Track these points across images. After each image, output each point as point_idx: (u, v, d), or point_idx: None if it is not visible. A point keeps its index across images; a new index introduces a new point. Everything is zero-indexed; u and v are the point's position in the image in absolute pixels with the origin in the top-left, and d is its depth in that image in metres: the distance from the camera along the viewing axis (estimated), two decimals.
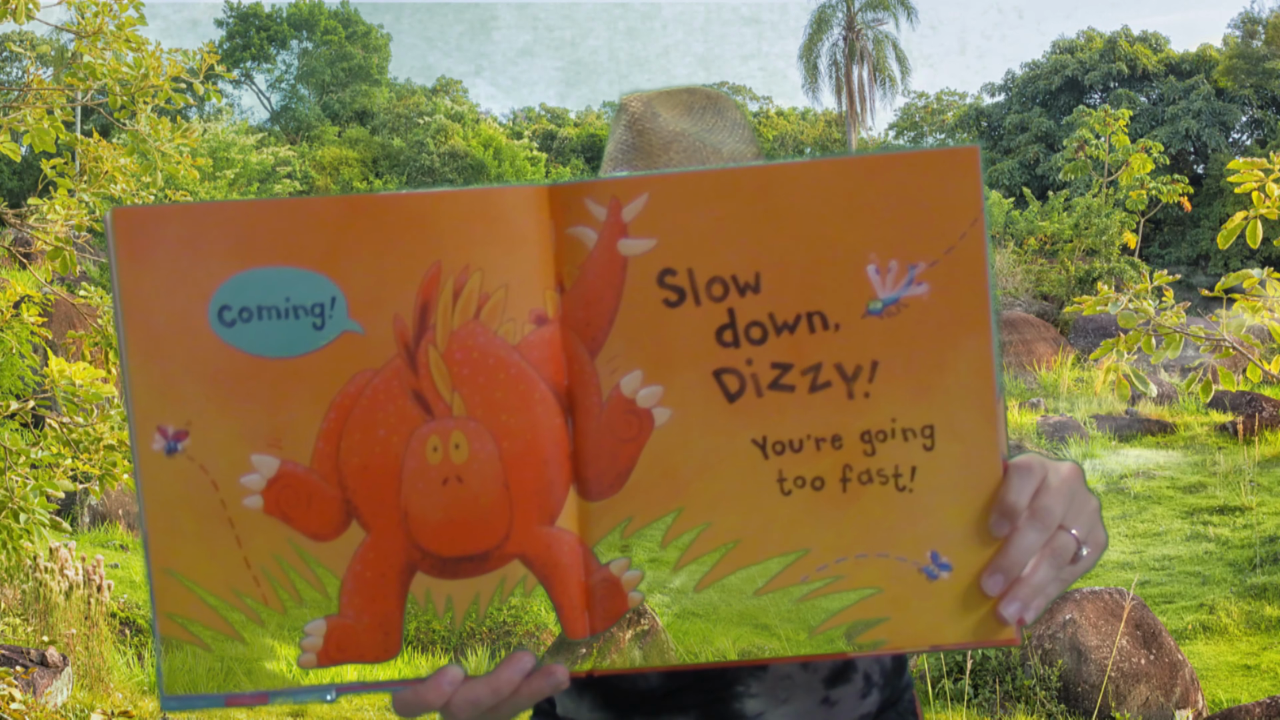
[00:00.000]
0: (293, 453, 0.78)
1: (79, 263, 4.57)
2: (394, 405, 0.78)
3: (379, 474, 0.78)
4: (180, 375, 0.77)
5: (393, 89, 42.16)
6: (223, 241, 0.77)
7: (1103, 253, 24.26)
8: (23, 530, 3.76)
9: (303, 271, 0.77)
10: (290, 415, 0.78)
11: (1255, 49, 36.24)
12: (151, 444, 0.77)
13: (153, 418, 0.77)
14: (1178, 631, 9.07)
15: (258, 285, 0.77)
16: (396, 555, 0.79)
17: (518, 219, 0.77)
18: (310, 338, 0.77)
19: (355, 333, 0.77)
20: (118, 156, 4.44)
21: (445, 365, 0.78)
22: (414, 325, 0.78)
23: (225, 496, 0.78)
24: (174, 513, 0.78)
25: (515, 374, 0.78)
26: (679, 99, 1.33)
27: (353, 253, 0.77)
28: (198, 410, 0.77)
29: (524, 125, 41.34)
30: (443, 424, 0.78)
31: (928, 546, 0.78)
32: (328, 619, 0.80)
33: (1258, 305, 3.74)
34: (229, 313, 0.77)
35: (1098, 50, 38.69)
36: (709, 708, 1.27)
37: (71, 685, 6.09)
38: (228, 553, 0.78)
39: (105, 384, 4.03)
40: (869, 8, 38.85)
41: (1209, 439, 14.45)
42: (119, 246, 0.76)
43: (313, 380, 0.78)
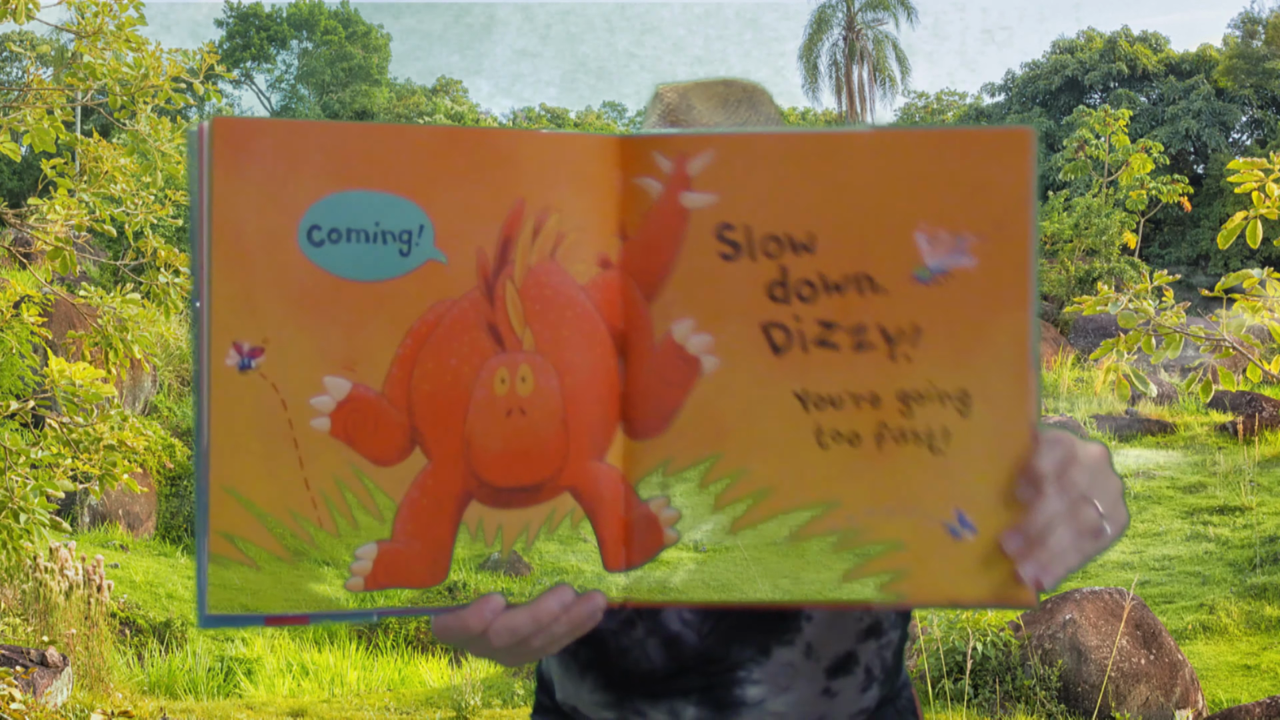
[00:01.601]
0: (366, 376, 0.79)
1: (79, 263, 4.57)
2: (468, 336, 0.80)
3: (447, 402, 0.80)
4: (263, 292, 0.77)
5: (393, 89, 42.16)
6: (319, 161, 0.77)
7: (1103, 253, 24.27)
8: (23, 530, 3.76)
9: (394, 198, 0.78)
10: (368, 339, 0.78)
11: (1255, 49, 36.24)
12: (225, 359, 0.77)
13: (229, 333, 0.77)
14: (1178, 631, 9.07)
15: (350, 207, 0.77)
16: (455, 483, 0.81)
17: (591, 165, 0.80)
18: (396, 263, 0.78)
19: (439, 262, 0.79)
20: (118, 156, 4.44)
21: (520, 300, 0.80)
22: (495, 259, 0.79)
23: (293, 416, 0.78)
24: (239, 430, 0.77)
25: (581, 314, 0.81)
26: (714, 91, 1.33)
27: (444, 183, 0.78)
28: (276, 328, 0.77)
29: (524, 125, 41.35)
30: (512, 357, 0.81)
31: (954, 506, 0.81)
32: (379, 544, 0.80)
33: (1258, 305, 3.74)
34: (318, 232, 0.77)
35: (1098, 50, 38.70)
36: (710, 692, 1.27)
37: (71, 685, 6.09)
38: (289, 473, 0.78)
39: (105, 384, 4.03)
40: (869, 8, 38.85)
41: (1209, 439, 14.45)
42: (217, 156, 0.76)
43: (394, 306, 0.78)
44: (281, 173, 0.76)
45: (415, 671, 7.99)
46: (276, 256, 0.77)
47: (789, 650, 1.26)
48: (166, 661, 7.60)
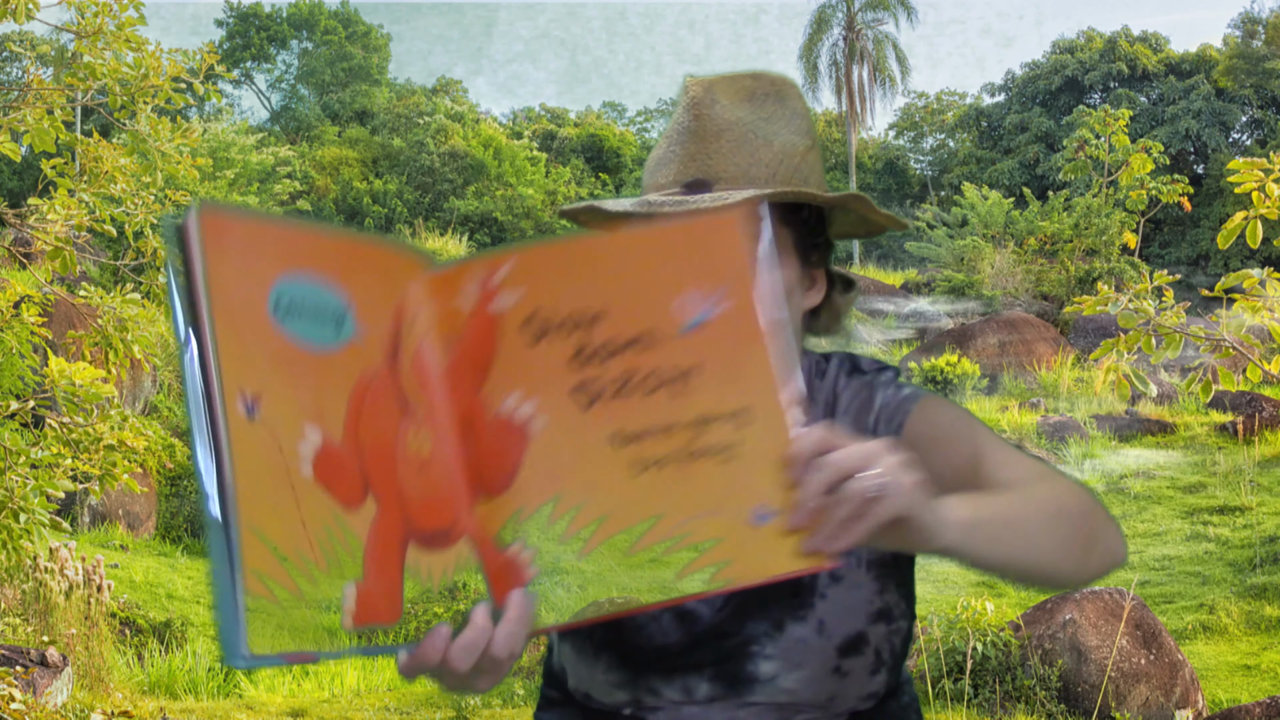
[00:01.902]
0: (330, 430, 0.91)
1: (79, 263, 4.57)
2: (386, 402, 0.96)
3: (382, 456, 0.94)
4: (254, 348, 0.88)
5: (393, 89, 42.16)
6: (276, 246, 0.91)
7: (1103, 253, 24.25)
8: (23, 530, 3.76)
9: (329, 282, 0.94)
10: (326, 399, 0.92)
11: (1255, 49, 36.24)
12: (237, 406, 0.85)
13: (237, 382, 0.86)
14: (1178, 631, 9.07)
15: (298, 287, 0.92)
16: (398, 528, 0.95)
17: (425, 291, 1.00)
18: (331, 336, 0.93)
19: (358, 340, 0.95)
20: (118, 156, 4.43)
21: (412, 375, 0.98)
22: (391, 342, 0.97)
23: (289, 461, 0.88)
24: (256, 474, 0.85)
25: (441, 397, 1.00)
26: (742, 85, 1.33)
27: (359, 275, 0.95)
28: (266, 381, 0.88)
29: (524, 125, 41.33)
30: (415, 422, 0.98)
31: (753, 501, 0.97)
32: (356, 583, 0.91)
33: (1258, 305, 3.74)
34: (281, 306, 0.90)
35: (1098, 50, 38.70)
36: (723, 668, 1.29)
37: (71, 685, 6.09)
38: (291, 514, 0.87)
39: (105, 384, 4.03)
40: (869, 8, 38.85)
41: (1209, 439, 14.45)
42: (206, 235, 0.86)
43: (338, 371, 0.93)
44: (253, 252, 0.89)
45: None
46: (258, 320, 0.89)
47: (802, 626, 1.27)
48: (166, 661, 7.60)
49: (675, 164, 1.29)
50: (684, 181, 1.28)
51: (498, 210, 31.49)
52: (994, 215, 25.53)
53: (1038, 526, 1.13)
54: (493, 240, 31.26)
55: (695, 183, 1.27)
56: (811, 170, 1.32)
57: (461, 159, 32.72)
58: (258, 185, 26.22)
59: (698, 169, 1.28)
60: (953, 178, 38.18)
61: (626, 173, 37.66)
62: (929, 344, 19.65)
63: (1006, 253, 24.50)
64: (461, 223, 30.47)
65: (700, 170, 1.28)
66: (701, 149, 1.28)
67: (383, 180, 33.87)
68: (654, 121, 50.54)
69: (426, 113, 35.99)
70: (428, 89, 43.60)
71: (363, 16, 43.87)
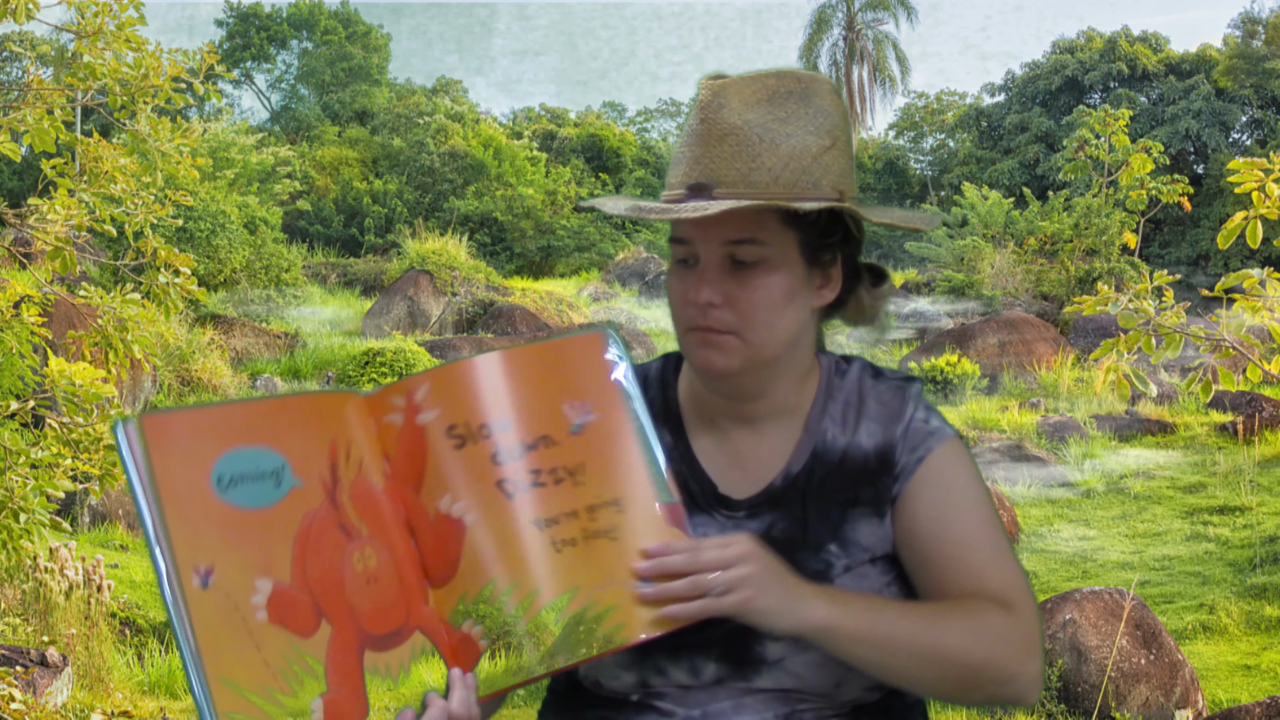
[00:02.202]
0: (279, 575, 1.09)
1: (79, 263, 4.57)
2: (330, 534, 1.13)
3: (331, 582, 1.12)
4: (202, 525, 1.06)
5: (393, 89, 42.14)
6: (212, 432, 1.09)
7: (1103, 253, 24.24)
8: (23, 530, 3.76)
9: (262, 449, 1.11)
10: (273, 549, 1.09)
11: (1255, 49, 36.23)
12: (193, 581, 1.04)
13: (190, 560, 1.04)
14: (1178, 631, 9.07)
15: (237, 459, 1.09)
16: (353, 640, 1.13)
17: (360, 415, 1.19)
18: (273, 493, 1.10)
19: (299, 487, 1.12)
20: (118, 156, 4.43)
21: (352, 504, 1.16)
22: (330, 479, 1.14)
23: (244, 614, 1.06)
24: (216, 632, 1.04)
25: (387, 509, 1.19)
26: (760, 85, 1.33)
27: (289, 434, 1.13)
28: (217, 551, 1.06)
29: (524, 125, 41.30)
30: (359, 543, 1.16)
31: (633, 575, 1.19)
32: (323, 696, 1.09)
33: (1258, 305, 3.74)
34: (223, 480, 1.08)
35: (1098, 50, 38.68)
36: (731, 648, 1.31)
37: (71, 685, 6.09)
38: (253, 658, 1.05)
39: (105, 384, 4.03)
40: (869, 8, 38.85)
41: (1209, 439, 14.45)
42: (150, 440, 1.05)
43: (282, 522, 1.10)
44: (190, 443, 1.07)
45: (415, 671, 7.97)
46: (203, 500, 1.06)
47: None
48: (166, 661, 7.59)
49: (683, 166, 1.31)
50: (689, 184, 1.30)
51: (498, 210, 31.48)
52: (994, 215, 25.51)
53: (908, 659, 1.24)
54: (493, 240, 31.27)
55: (697, 186, 1.29)
56: (826, 171, 1.31)
57: (461, 159, 32.71)
58: (258, 185, 26.20)
59: (701, 172, 1.30)
60: (953, 178, 38.18)
61: (626, 173, 37.63)
62: (929, 344, 19.65)
63: (1006, 253, 24.49)
64: (461, 223, 30.46)
65: (703, 174, 1.29)
66: (705, 152, 1.30)
67: (383, 180, 33.85)
68: (654, 121, 50.51)
69: (426, 113, 35.97)
70: (428, 89, 43.58)
71: (363, 16, 43.85)
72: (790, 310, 1.33)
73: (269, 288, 21.04)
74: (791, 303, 1.33)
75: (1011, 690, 1.27)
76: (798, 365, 1.39)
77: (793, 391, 1.39)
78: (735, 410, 1.40)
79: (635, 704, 1.34)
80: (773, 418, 1.39)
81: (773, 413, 1.39)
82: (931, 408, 1.39)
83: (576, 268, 31.11)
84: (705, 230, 1.31)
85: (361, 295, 25.15)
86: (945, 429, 1.37)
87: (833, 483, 1.36)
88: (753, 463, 1.39)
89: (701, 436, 1.42)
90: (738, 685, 1.31)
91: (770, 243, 1.31)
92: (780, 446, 1.39)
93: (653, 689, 1.33)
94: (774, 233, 1.31)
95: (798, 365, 1.39)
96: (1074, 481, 13.35)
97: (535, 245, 31.53)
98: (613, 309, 23.54)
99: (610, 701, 1.36)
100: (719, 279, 1.31)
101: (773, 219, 1.30)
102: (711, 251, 1.32)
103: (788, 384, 1.39)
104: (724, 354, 1.33)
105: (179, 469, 1.06)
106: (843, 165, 1.33)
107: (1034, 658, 1.27)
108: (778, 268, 1.32)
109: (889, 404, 1.38)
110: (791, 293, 1.32)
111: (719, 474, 1.39)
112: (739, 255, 1.31)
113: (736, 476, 1.39)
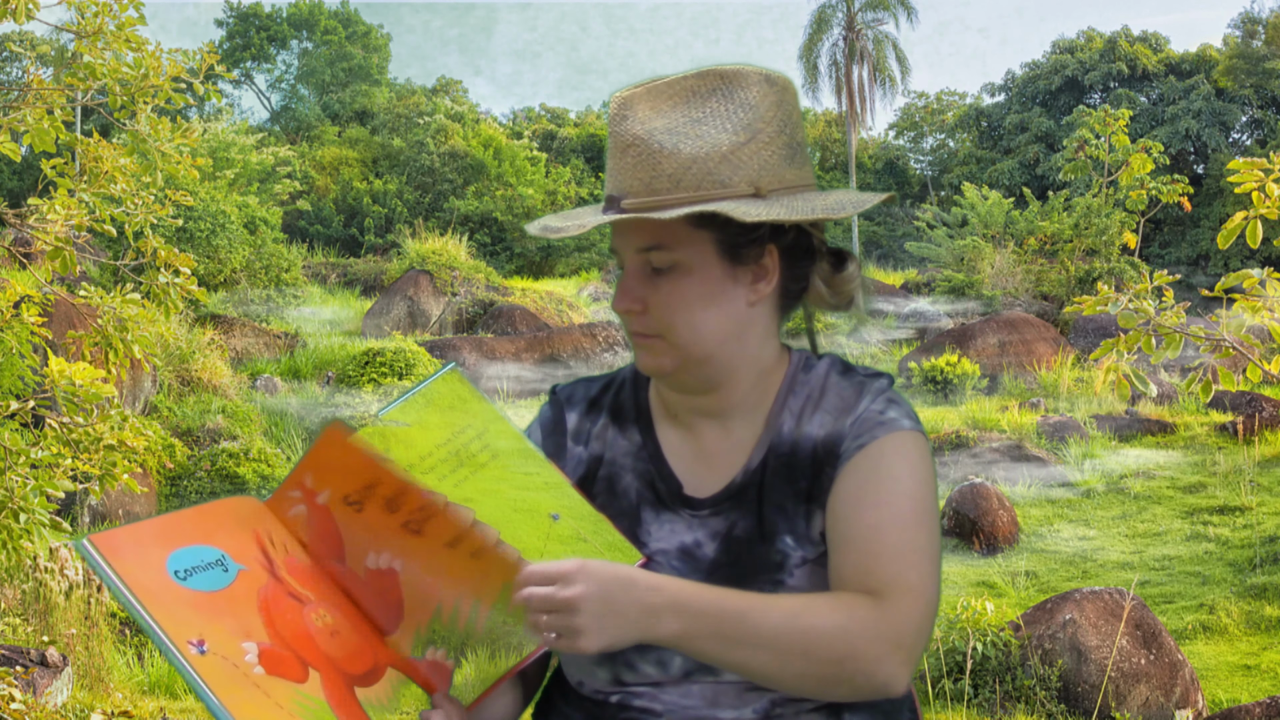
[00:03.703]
0: (259, 638, 1.23)
1: (79, 263, 4.57)
2: (284, 601, 1.28)
3: (302, 639, 1.26)
4: (179, 610, 1.21)
5: (393, 89, 42.14)
6: (157, 538, 1.25)
7: (1103, 253, 24.25)
8: (23, 530, 3.76)
9: (200, 547, 1.26)
10: (244, 619, 1.24)
11: (1255, 49, 36.23)
12: (190, 650, 1.18)
13: (182, 636, 1.18)
14: (1178, 631, 9.07)
15: (184, 556, 1.25)
16: (339, 679, 1.27)
17: (267, 516, 1.34)
18: (224, 578, 1.26)
19: (244, 570, 1.27)
20: (118, 156, 4.43)
21: (292, 578, 1.30)
22: (266, 561, 1.29)
23: (244, 671, 1.20)
24: (229, 687, 1.17)
25: (321, 580, 1.33)
26: (676, 89, 1.34)
27: (217, 532, 1.29)
28: (200, 627, 1.20)
29: (524, 125, 41.30)
30: (313, 606, 1.30)
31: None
32: None
33: (1258, 305, 3.74)
34: (180, 572, 1.23)
35: (1098, 50, 38.69)
36: None
37: (71, 685, 6.09)
38: (265, 701, 1.19)
39: (105, 384, 4.02)
40: (869, 8, 38.83)
41: (1209, 439, 14.45)
42: (108, 556, 1.20)
43: (240, 599, 1.25)
44: (141, 551, 1.23)
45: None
46: (170, 590, 1.21)
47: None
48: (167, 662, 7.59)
49: (607, 179, 1.35)
50: (607, 195, 1.34)
51: (498, 210, 31.48)
52: (994, 215, 25.51)
53: (769, 657, 1.24)
54: (493, 240, 31.27)
55: (609, 198, 1.33)
56: (739, 168, 1.30)
57: (461, 159, 32.71)
58: (258, 185, 26.19)
59: (613, 184, 1.33)
60: (953, 178, 38.19)
61: None
62: (929, 344, 19.65)
63: (1006, 253, 24.49)
64: (461, 223, 30.46)
65: (614, 186, 1.33)
66: (615, 164, 1.33)
67: (383, 180, 33.85)
68: None
69: (426, 113, 35.97)
70: (428, 89, 43.57)
71: (363, 16, 43.85)
72: (714, 309, 1.33)
73: (269, 288, 21.03)
74: (713, 302, 1.33)
75: (874, 683, 1.25)
76: (751, 360, 1.38)
77: (754, 387, 1.40)
78: (698, 405, 1.41)
79: (616, 704, 1.36)
80: (738, 413, 1.40)
81: (736, 408, 1.40)
82: (899, 402, 1.37)
83: (576, 268, 31.12)
84: (623, 239, 1.35)
85: (361, 295, 25.15)
86: (901, 421, 1.35)
87: (783, 474, 1.36)
88: (718, 459, 1.40)
89: (670, 434, 1.43)
90: (707, 679, 1.32)
91: (678, 246, 1.32)
92: (743, 442, 1.40)
93: (628, 685, 1.35)
94: (682, 236, 1.31)
95: (751, 360, 1.38)
96: (1074, 481, 13.35)
97: (535, 245, 31.52)
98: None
99: (594, 703, 1.38)
100: (637, 285, 1.34)
101: (679, 223, 1.30)
102: (631, 259, 1.35)
103: (744, 379, 1.39)
104: (654, 355, 1.36)
105: (140, 571, 1.21)
106: (764, 158, 1.32)
107: (899, 649, 1.25)
108: (691, 270, 1.32)
109: (846, 397, 1.37)
110: (711, 292, 1.33)
111: (685, 471, 1.40)
112: (653, 261, 1.33)
113: (703, 472, 1.40)
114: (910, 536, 1.29)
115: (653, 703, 1.34)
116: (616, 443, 1.45)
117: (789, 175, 1.33)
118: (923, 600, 1.28)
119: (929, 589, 1.29)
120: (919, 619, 1.27)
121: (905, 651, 1.25)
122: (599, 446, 1.45)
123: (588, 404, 1.49)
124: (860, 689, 1.26)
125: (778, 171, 1.32)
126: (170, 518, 1.29)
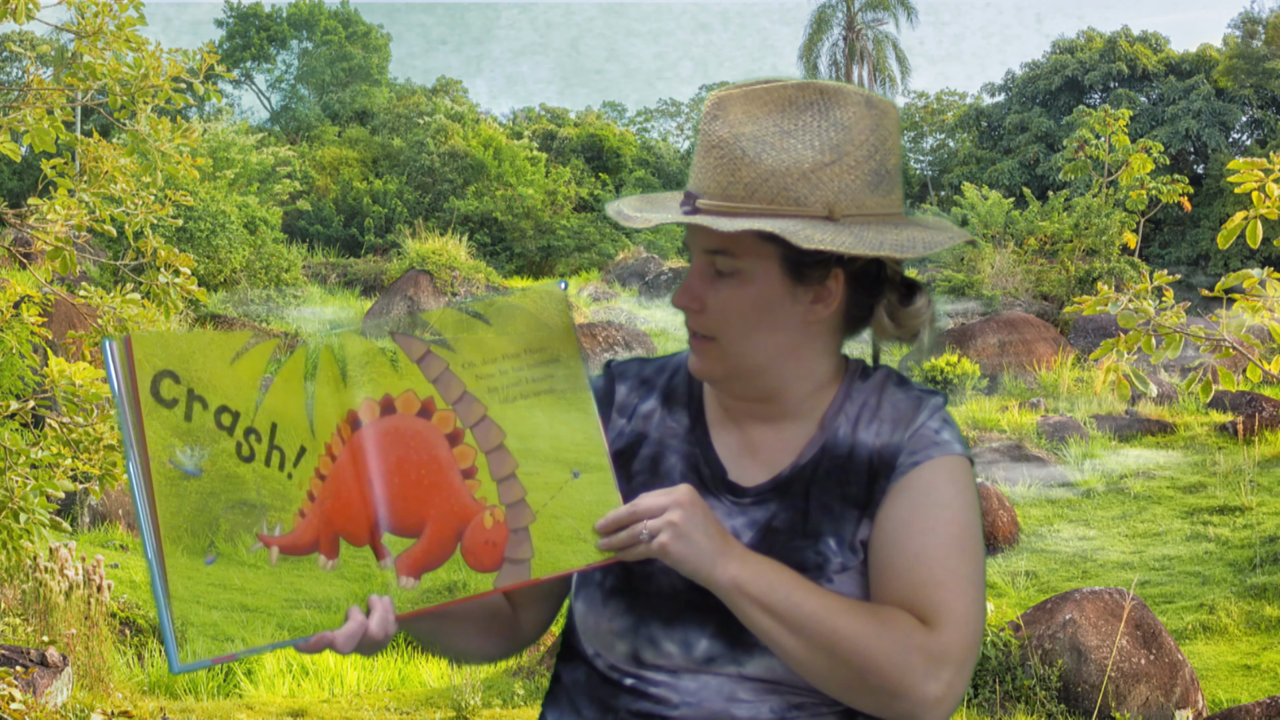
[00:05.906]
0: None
1: (79, 263, 4.57)
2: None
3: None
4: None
5: (393, 89, 42.13)
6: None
7: (1103, 253, 24.25)
8: (23, 530, 3.76)
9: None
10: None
11: (1255, 49, 36.22)
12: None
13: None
14: (1178, 631, 9.07)
15: None
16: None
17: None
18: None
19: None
20: (118, 156, 4.43)
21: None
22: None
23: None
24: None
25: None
26: (770, 95, 1.32)
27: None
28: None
29: (524, 125, 41.28)
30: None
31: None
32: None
33: (1258, 305, 3.74)
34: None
35: (1098, 50, 38.68)
36: (725, 625, 1.32)
37: (71, 685, 6.09)
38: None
39: (105, 384, 4.02)
40: (869, 8, 38.84)
41: (1209, 439, 14.45)
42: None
43: None
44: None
45: (415, 671, 7.98)
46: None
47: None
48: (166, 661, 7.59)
49: (690, 173, 1.36)
50: (686, 191, 1.35)
51: (498, 210, 31.48)
52: (994, 215, 25.51)
53: (801, 640, 1.23)
54: (493, 240, 31.26)
55: (688, 194, 1.33)
56: (817, 188, 1.28)
57: (461, 159, 32.70)
58: (258, 185, 26.20)
59: (693, 182, 1.33)
60: (953, 178, 38.18)
61: (626, 173, 37.62)
62: None
63: (1006, 253, 24.49)
64: (461, 223, 30.46)
65: (694, 184, 1.33)
66: (699, 162, 1.34)
67: (383, 180, 33.85)
68: (654, 121, 50.47)
69: (426, 113, 35.97)
70: (428, 89, 43.56)
71: (363, 16, 43.85)
72: (767, 322, 1.33)
73: (269, 288, 21.04)
74: (768, 315, 1.33)
75: (902, 706, 1.24)
76: (806, 375, 1.39)
77: (808, 398, 1.40)
78: (750, 409, 1.41)
79: (630, 690, 1.35)
80: (789, 418, 1.40)
81: (788, 414, 1.40)
82: (950, 423, 1.37)
83: (576, 268, 31.10)
84: (693, 237, 1.36)
85: (361, 295, 25.16)
86: (954, 445, 1.35)
87: (836, 476, 1.36)
88: (765, 454, 1.40)
89: (720, 425, 1.43)
90: (729, 669, 1.32)
91: (743, 255, 1.31)
92: (794, 441, 1.40)
93: (645, 663, 1.35)
94: (748, 246, 1.31)
95: (806, 375, 1.39)
96: (1074, 481, 13.35)
97: (535, 245, 31.53)
98: (613, 309, 23.53)
99: (607, 689, 1.37)
100: (699, 285, 1.35)
101: (746, 232, 1.29)
102: (698, 258, 1.35)
103: (797, 391, 1.39)
104: (706, 360, 1.37)
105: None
106: (846, 181, 1.29)
107: (935, 679, 1.23)
108: (752, 280, 1.32)
109: (903, 409, 1.38)
110: (767, 306, 1.33)
111: (731, 461, 1.41)
112: (717, 265, 1.33)
113: (749, 464, 1.40)
114: (958, 568, 1.29)
115: (670, 692, 1.33)
116: (665, 424, 1.45)
117: (869, 202, 1.31)
118: (968, 629, 1.27)
119: (975, 617, 1.28)
120: (964, 646, 1.26)
121: (948, 677, 1.24)
122: (644, 424, 1.46)
123: (639, 380, 1.49)
124: (886, 708, 1.25)
125: (857, 197, 1.30)
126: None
